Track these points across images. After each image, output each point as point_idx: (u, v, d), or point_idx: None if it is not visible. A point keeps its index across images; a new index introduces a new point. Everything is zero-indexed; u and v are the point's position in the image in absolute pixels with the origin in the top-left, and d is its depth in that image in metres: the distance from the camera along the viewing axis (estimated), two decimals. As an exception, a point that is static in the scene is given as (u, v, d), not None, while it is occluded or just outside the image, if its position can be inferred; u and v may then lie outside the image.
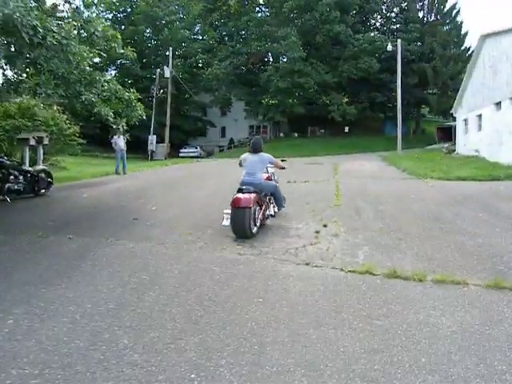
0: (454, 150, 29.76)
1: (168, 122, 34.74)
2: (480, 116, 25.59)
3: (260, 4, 45.35)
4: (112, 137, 18.68)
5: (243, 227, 6.75)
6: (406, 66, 43.76)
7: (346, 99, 41.95)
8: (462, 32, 43.32)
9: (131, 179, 15.73)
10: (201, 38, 49.29)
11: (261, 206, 7.49)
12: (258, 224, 7.16)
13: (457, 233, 7.50)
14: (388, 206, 10.14)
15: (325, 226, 7.85)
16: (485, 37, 24.76)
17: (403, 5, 46.12)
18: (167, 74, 34.82)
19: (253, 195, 7.07)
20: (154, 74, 39.55)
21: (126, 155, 18.43)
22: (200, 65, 48.49)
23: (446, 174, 17.27)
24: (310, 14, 37.49)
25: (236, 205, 6.80)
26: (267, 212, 7.96)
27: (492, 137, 23.43)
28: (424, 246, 6.54)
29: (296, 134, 48.46)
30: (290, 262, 5.69)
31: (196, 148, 41.90)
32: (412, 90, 42.51)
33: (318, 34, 38.35)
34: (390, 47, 31.36)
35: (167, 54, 35.08)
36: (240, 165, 8.25)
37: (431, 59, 41.61)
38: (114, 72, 48.12)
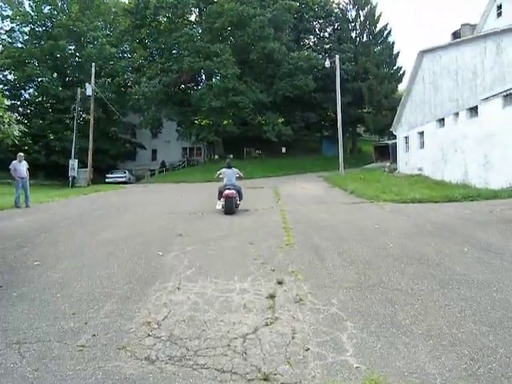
0: (396, 169, 28.92)
1: (91, 145, 31.31)
2: (422, 133, 24.83)
3: (191, 22, 43.26)
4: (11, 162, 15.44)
5: (231, 209, 12.37)
6: (341, 85, 43.33)
7: (282, 119, 40.59)
8: (394, 52, 43.73)
9: (30, 214, 12.63)
10: (129, 55, 46.29)
11: (239, 196, 13.12)
12: (236, 207, 12.75)
13: (456, 282, 5.55)
14: (352, 242, 8.05)
15: (280, 283, 5.54)
16: (423, 53, 24.15)
17: (336, 25, 46.09)
18: (89, 91, 31.55)
19: (234, 191, 12.74)
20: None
21: (28, 184, 15.22)
22: (128, 84, 45.40)
23: (399, 195, 15.76)
24: (243, 30, 35.88)
25: (228, 196, 12.42)
26: (238, 199, 13.12)
27: (436, 154, 22.56)
28: (431, 315, 4.42)
29: (231, 156, 46.31)
30: (238, 377, 3.26)
31: (124, 173, 38.49)
32: (347, 108, 41.95)
33: (252, 52, 36.82)
34: (327, 63, 30.37)
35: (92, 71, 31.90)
36: (218, 176, 14.33)
37: (365, 79, 41.45)
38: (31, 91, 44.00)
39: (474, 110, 18.98)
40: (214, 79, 36.39)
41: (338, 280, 5.71)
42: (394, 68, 43.85)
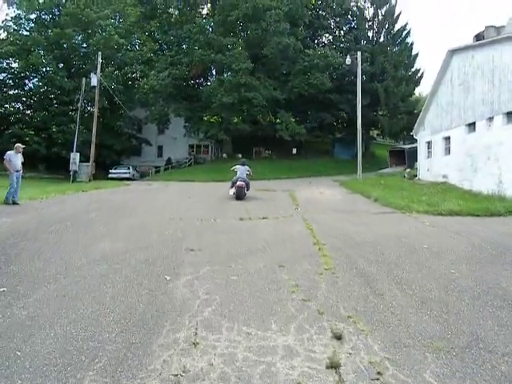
0: (416, 176, 27.20)
1: (94, 138, 29.75)
2: (448, 138, 23.12)
3: (203, 15, 41.64)
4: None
5: (241, 196, 15.87)
6: (356, 85, 41.72)
7: (294, 118, 38.88)
8: (413, 53, 42.04)
9: (16, 214, 11.03)
10: (138, 48, 44.61)
11: (247, 187, 16.45)
12: (245, 195, 16.22)
13: None
14: (406, 268, 6.47)
15: (338, 338, 3.90)
16: (453, 52, 22.46)
17: (353, 23, 44.39)
18: (94, 81, 29.98)
19: (244, 183, 16.22)
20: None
21: (20, 177, 13.65)
22: (136, 76, 43.80)
23: (432, 206, 14.10)
24: (257, 23, 34.21)
25: (239, 186, 15.89)
26: (247, 189, 16.54)
27: (464, 162, 20.87)
28: None
29: (240, 155, 44.66)
30: None
31: (128, 169, 36.84)
32: (363, 110, 40.15)
33: (265, 47, 35.09)
34: (348, 60, 28.62)
35: (99, 60, 30.30)
36: (233, 170, 17.36)
37: (382, 80, 39.70)
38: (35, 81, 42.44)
39: (512, 115, 17.33)
40: (225, 74, 34.68)
41: (416, 333, 4.08)
42: (412, 70, 42.20)
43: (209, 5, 41.41)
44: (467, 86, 20.93)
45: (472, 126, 20.52)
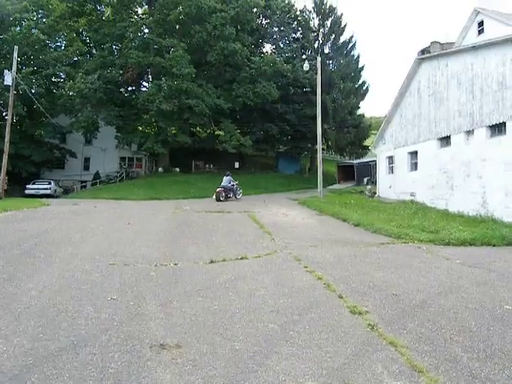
0: (375, 193, 25.23)
1: (7, 147, 24.83)
2: (415, 153, 21.33)
3: (140, 14, 37.72)
4: None
5: (218, 197, 22.22)
6: (303, 96, 39.88)
7: (239, 129, 35.98)
8: (359, 66, 40.94)
9: None
10: (63, 48, 39.46)
11: (225, 193, 22.85)
12: (223, 198, 22.28)
13: None
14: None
15: None
16: (421, 60, 20.78)
17: (298, 33, 42.56)
18: (9, 80, 25.15)
19: (222, 189, 22.76)
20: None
21: None
22: (60, 80, 38.66)
23: (434, 233, 11.77)
24: (201, 26, 31.02)
25: (217, 192, 22.52)
26: (230, 195, 23.30)
27: (437, 179, 19.06)
28: None
29: (177, 169, 40.96)
30: None
31: (49, 184, 31.69)
32: (309, 122, 38.35)
33: (209, 52, 31.94)
34: (306, 66, 26.19)
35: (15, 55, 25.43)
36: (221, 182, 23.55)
37: (329, 92, 37.96)
38: None
39: (498, 128, 15.58)
40: (163, 79, 31.03)
41: None
42: (359, 82, 41.03)
43: (145, 6, 37.65)
44: (439, 97, 19.19)
45: (446, 139, 18.78)
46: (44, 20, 36.64)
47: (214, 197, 22.30)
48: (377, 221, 14.10)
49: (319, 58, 24.76)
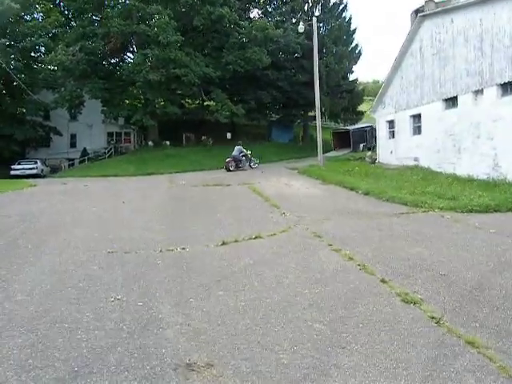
0: (376, 159, 24.37)
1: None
2: (417, 116, 20.36)
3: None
4: None
5: (228, 168, 22.51)
6: (295, 62, 38.40)
7: (230, 98, 34.53)
8: (351, 29, 39.43)
9: None
10: (41, 19, 37.14)
11: (235, 163, 22.95)
12: (232, 168, 22.59)
13: None
14: None
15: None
16: (423, 17, 19.54)
17: (287, -5, 40.67)
18: (-18, 54, 23.59)
19: (231, 159, 22.99)
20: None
21: None
22: (39, 54, 36.60)
23: (452, 200, 10.96)
24: (186, -12, 29.24)
25: (226, 162, 22.83)
26: (240, 165, 23.15)
27: (443, 142, 18.17)
28: None
29: (168, 143, 39.54)
30: None
31: (35, 163, 30.24)
32: (301, 89, 37.06)
33: (195, 17, 30.23)
34: (301, 27, 24.77)
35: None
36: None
37: (322, 56, 36.51)
38: None
39: (510, 86, 14.61)
40: (149, 48, 29.29)
41: None
42: (352, 46, 39.60)
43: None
44: (444, 56, 18.09)
45: (452, 100, 17.78)
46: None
47: (224, 167, 22.68)
48: (387, 188, 13.30)
49: (315, 19, 23.52)
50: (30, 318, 3.90)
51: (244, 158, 23.77)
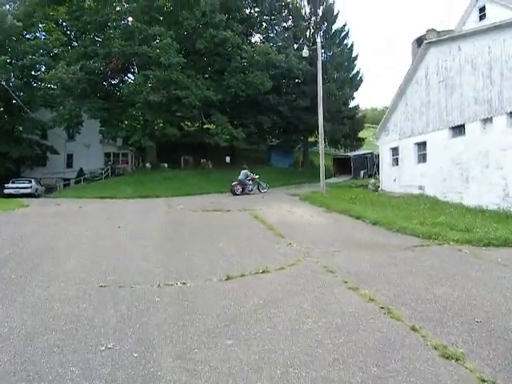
0: (379, 186, 23.89)
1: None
2: (423, 144, 19.99)
3: (124, 1, 35.40)
4: None
5: (234, 192, 22.76)
6: (297, 87, 38.33)
7: (230, 122, 34.21)
8: (353, 55, 39.54)
9: None
10: (43, 37, 37.02)
11: (241, 187, 23.03)
12: (238, 192, 22.74)
13: None
14: None
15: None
16: (429, 44, 19.36)
17: (289, 22, 40.92)
18: (-19, 71, 23.24)
19: (236, 182, 23.16)
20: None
21: None
22: (39, 72, 36.33)
23: (467, 232, 10.40)
24: (189, 12, 29.16)
25: (232, 185, 23.07)
26: (246, 189, 23.09)
27: (450, 170, 17.77)
28: None
29: (166, 165, 39.01)
30: None
31: (29, 182, 29.58)
32: (302, 114, 36.88)
33: (198, 40, 30.13)
34: (306, 52, 24.60)
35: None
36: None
37: (324, 82, 36.47)
38: None
39: (522, 114, 14.29)
40: (151, 69, 29.07)
41: None
42: (353, 72, 39.65)
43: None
44: (451, 84, 17.83)
45: (459, 128, 17.45)
46: (17, 7, 34.37)
47: (230, 191, 22.89)
48: (395, 218, 12.68)
49: (319, 43, 23.26)
50: (2, 374, 3.23)
51: (251, 182, 23.70)
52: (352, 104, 41.14)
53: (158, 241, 9.35)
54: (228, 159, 40.02)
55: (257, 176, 24.52)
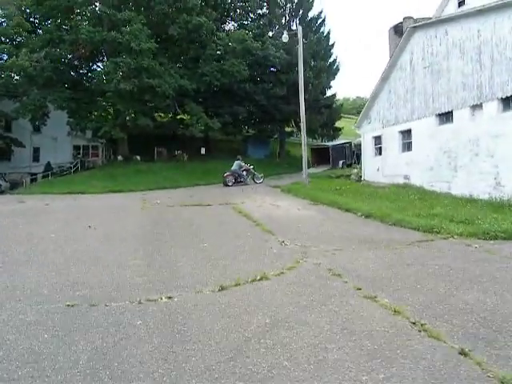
0: (361, 177, 23.26)
1: None
2: (408, 132, 19.37)
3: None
4: None
5: (226, 183, 22.19)
6: (273, 76, 37.34)
7: (205, 112, 32.98)
8: (330, 43, 38.77)
9: None
10: (4, 23, 34.68)
11: (234, 178, 22.64)
12: (231, 183, 22.20)
13: None
14: None
15: None
16: (414, 29, 18.66)
17: (264, 8, 39.76)
18: None
19: (230, 173, 22.71)
20: None
21: None
22: (1, 60, 34.10)
23: (469, 224, 9.76)
24: (161, -5, 27.76)
25: (223, 177, 22.49)
26: (240, 179, 22.74)
27: (437, 159, 17.20)
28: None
29: (138, 158, 37.47)
30: None
31: (-6, 178, 27.94)
32: (278, 103, 35.99)
33: (171, 25, 28.71)
34: (285, 37, 23.67)
35: None
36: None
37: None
38: None
39: (514, 100, 13.73)
40: (121, 56, 27.54)
41: None
42: (330, 60, 38.91)
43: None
44: (438, 69, 17.20)
45: (446, 115, 16.85)
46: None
47: (222, 182, 22.33)
48: (387, 210, 11.97)
49: (300, 28, 22.44)
50: None
51: (245, 172, 23.42)
52: (330, 93, 40.53)
53: (134, 243, 8.28)
54: (203, 150, 38.83)
55: (251, 166, 24.05)
